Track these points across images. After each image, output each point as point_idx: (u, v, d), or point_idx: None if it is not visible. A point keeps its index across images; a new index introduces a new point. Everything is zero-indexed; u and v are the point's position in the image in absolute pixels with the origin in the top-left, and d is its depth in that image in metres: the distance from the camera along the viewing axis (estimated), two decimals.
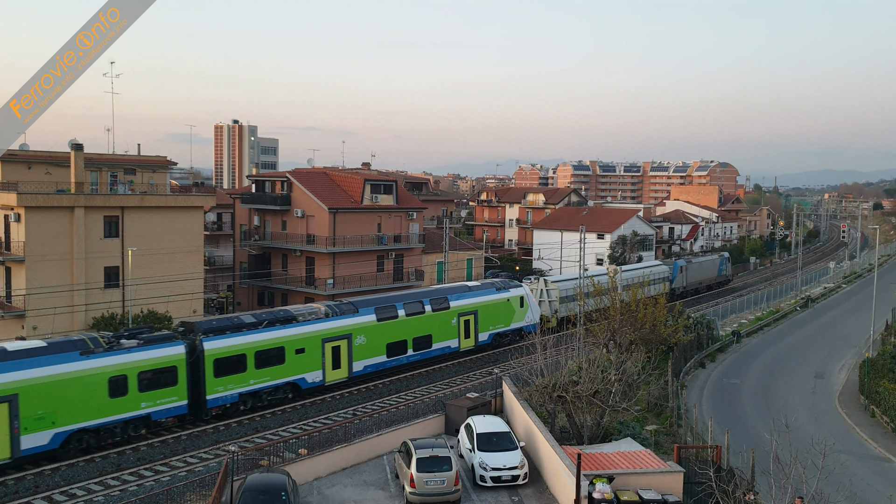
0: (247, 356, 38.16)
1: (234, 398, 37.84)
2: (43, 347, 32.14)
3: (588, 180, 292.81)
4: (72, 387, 31.87)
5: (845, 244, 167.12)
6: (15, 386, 30.14)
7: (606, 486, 23.45)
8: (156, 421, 35.06)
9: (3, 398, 29.78)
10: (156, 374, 34.68)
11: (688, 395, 42.11)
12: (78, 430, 32.12)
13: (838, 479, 22.71)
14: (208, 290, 65.46)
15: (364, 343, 43.85)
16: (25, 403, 30.36)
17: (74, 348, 32.79)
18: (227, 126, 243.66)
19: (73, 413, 31.83)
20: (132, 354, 34.05)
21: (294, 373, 40.25)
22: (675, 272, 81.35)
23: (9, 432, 29.91)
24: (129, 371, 33.66)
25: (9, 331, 49.78)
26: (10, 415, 29.92)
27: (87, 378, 32.40)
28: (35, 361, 31.18)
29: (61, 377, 31.57)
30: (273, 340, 39.30)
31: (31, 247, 49.41)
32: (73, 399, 31.87)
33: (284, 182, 68.89)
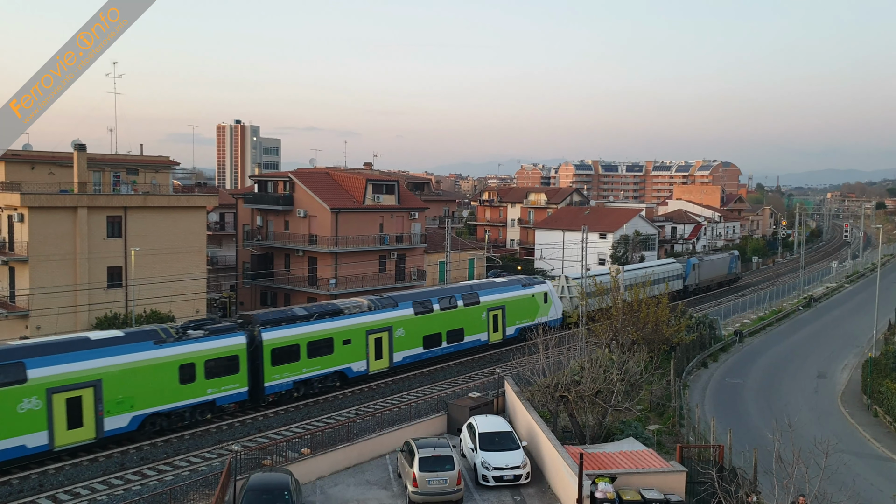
0: (300, 346, 40.69)
1: (289, 385, 40.30)
2: (121, 337, 34.63)
3: (590, 180, 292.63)
4: (147, 373, 34.31)
5: (848, 244, 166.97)
6: (99, 372, 32.64)
7: (609, 486, 23.47)
8: (220, 406, 37.50)
9: (89, 383, 32.29)
10: (220, 363, 37.11)
11: (690, 395, 42.12)
12: (152, 413, 34.61)
13: (841, 478, 22.72)
14: (211, 290, 65.52)
15: (403, 335, 46.29)
16: (108, 388, 32.91)
17: (149, 338, 35.27)
18: (229, 126, 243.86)
19: (148, 398, 34.31)
20: (199, 344, 36.48)
21: (341, 362, 42.83)
22: (688, 270, 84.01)
23: (94, 415, 32.51)
24: (196, 359, 36.10)
25: (12, 331, 49.87)
26: (95, 398, 32.51)
27: (161, 365, 34.85)
28: (115, 350, 33.65)
29: (138, 364, 34.03)
30: (323, 332, 41.91)
31: (35, 247, 49.51)
32: (148, 385, 34.30)
33: (287, 182, 68.96)
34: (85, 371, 32.25)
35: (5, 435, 29.95)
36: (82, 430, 32.27)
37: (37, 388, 30.86)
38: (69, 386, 31.74)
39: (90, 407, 32.38)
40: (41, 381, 31.02)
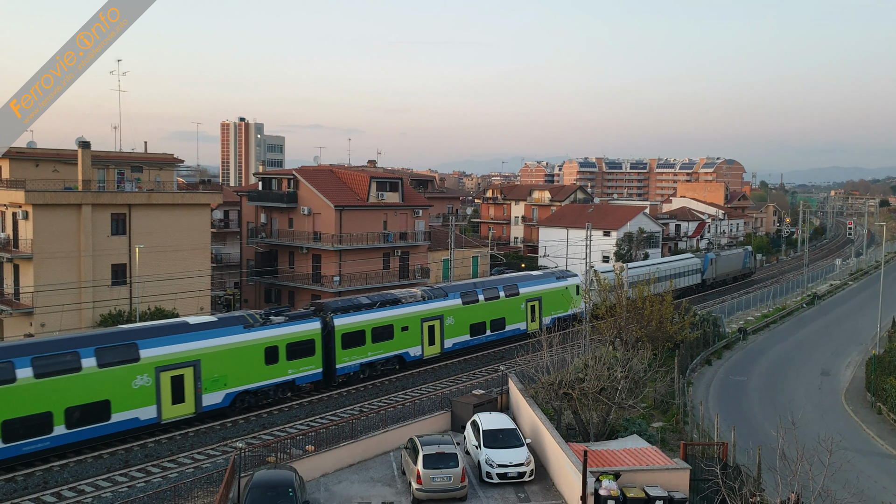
0: (365, 332, 44.28)
1: (356, 367, 43.92)
2: (215, 321, 38.21)
3: (594, 177, 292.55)
4: (238, 354, 37.64)
5: (851, 241, 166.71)
6: (198, 352, 36.00)
7: (613, 483, 23.48)
8: (298, 385, 41.06)
9: (189, 362, 35.61)
10: (299, 346, 40.53)
11: (694, 393, 42.13)
12: (242, 391, 37.94)
13: (845, 476, 22.71)
14: (215, 287, 65.63)
15: (452, 323, 49.68)
16: (205, 367, 36.24)
17: (239, 322, 38.61)
18: (233, 124, 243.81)
19: (239, 376, 37.65)
20: (281, 328, 39.89)
21: (400, 347, 46.36)
22: (706, 265, 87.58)
23: (194, 391, 35.86)
24: (279, 342, 39.49)
25: (17, 328, 50.02)
26: (195, 376, 35.87)
27: (249, 347, 38.22)
28: (211, 333, 37.01)
29: (230, 346, 37.37)
30: (384, 319, 45.49)
31: (39, 244, 49.62)
32: (239, 365, 37.66)
33: (291, 180, 69.02)
34: (186, 352, 35.62)
35: (122, 408, 33.31)
36: (184, 406, 35.65)
37: (148, 366, 34.26)
38: (174, 365, 35.08)
39: (191, 384, 35.81)
40: (151, 360, 34.39)
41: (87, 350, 32.66)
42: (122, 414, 33.27)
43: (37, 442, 30.87)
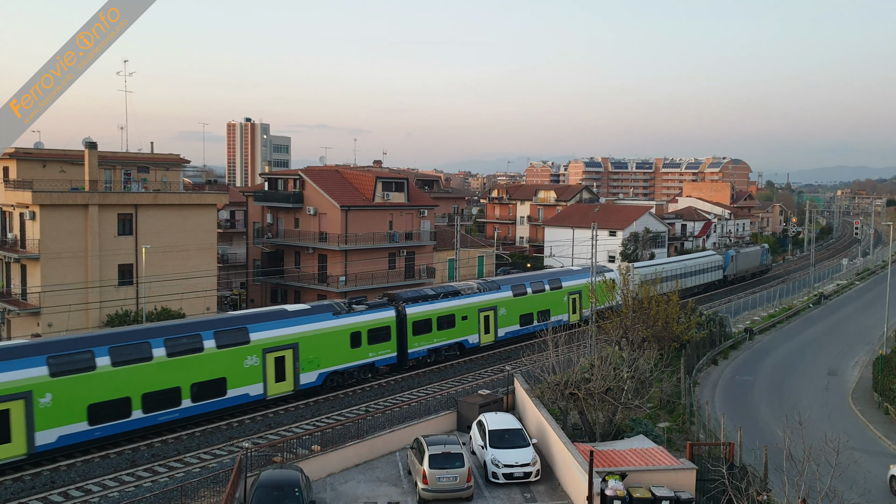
0: (432, 320, 48.36)
1: (424, 353, 47.97)
2: (309, 309, 42.48)
3: (600, 177, 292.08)
4: (329, 338, 41.84)
5: (858, 241, 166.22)
6: (296, 336, 40.10)
7: (619, 483, 23.48)
8: (377, 367, 45.10)
9: (289, 345, 39.68)
10: (377, 331, 44.79)
11: (700, 393, 42.07)
12: (332, 371, 42.07)
13: (852, 476, 22.69)
14: (221, 287, 65.67)
15: (504, 314, 53.18)
16: (303, 349, 40.32)
17: (329, 310, 42.79)
18: (239, 124, 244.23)
19: (329, 358, 41.83)
20: (363, 316, 44.06)
21: (460, 335, 50.28)
22: (727, 261, 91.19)
23: (293, 371, 39.92)
24: (362, 328, 43.79)
25: (24, 328, 50.17)
26: (294, 357, 39.91)
27: (338, 332, 42.41)
28: (306, 319, 41.16)
29: (323, 331, 41.50)
30: (448, 309, 49.58)
31: (46, 244, 49.75)
32: (330, 347, 41.84)
33: (297, 180, 69.10)
34: (287, 335, 39.74)
35: (236, 385, 37.45)
36: (285, 384, 39.71)
37: (256, 348, 38.31)
38: (277, 347, 39.20)
39: (291, 365, 39.89)
40: (259, 342, 38.48)
41: (207, 333, 36.91)
42: (235, 390, 37.51)
43: (169, 413, 35.01)
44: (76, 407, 31.96)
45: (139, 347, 34.36)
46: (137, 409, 33.81)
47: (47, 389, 31.06)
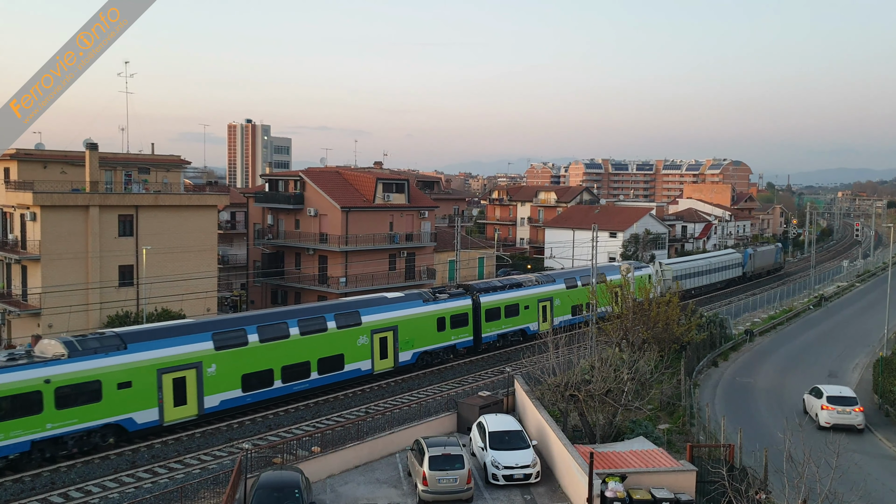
0: (500, 309, 53.49)
1: (494, 338, 52.72)
2: (403, 297, 48.05)
3: (600, 179, 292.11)
4: (420, 322, 47.35)
5: (859, 243, 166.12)
6: (396, 320, 45.74)
7: (619, 485, 23.48)
8: (457, 349, 50.54)
9: (391, 327, 45.30)
10: (457, 317, 50.13)
11: (700, 394, 42.01)
12: (423, 351, 47.66)
13: (852, 478, 22.67)
14: (222, 289, 65.71)
15: (559, 304, 57.74)
16: (401, 331, 45.88)
17: (419, 297, 48.47)
18: (240, 125, 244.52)
19: (421, 339, 47.37)
20: (446, 303, 49.45)
21: (523, 322, 55.37)
22: (745, 259, 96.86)
23: (393, 349, 45.47)
24: (445, 314, 49.25)
25: (25, 328, 50.20)
26: (394, 338, 45.46)
27: (427, 317, 47.93)
28: (403, 305, 46.83)
29: (416, 315, 47.09)
30: (513, 299, 54.82)
31: (47, 245, 49.79)
32: (421, 330, 47.30)
33: (297, 181, 69.14)
34: (389, 319, 45.28)
35: (351, 360, 42.85)
36: (387, 361, 45.20)
37: (366, 329, 43.81)
38: (381, 329, 44.63)
39: (391, 344, 45.32)
40: (368, 324, 43.99)
41: (330, 315, 42.29)
42: (350, 365, 42.87)
43: (300, 384, 40.44)
44: (233, 376, 37.38)
45: (279, 327, 39.81)
46: (278, 379, 39.29)
47: (213, 361, 36.48)
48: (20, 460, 30.54)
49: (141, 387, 33.69)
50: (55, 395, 30.98)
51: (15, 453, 30.22)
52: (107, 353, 33.04)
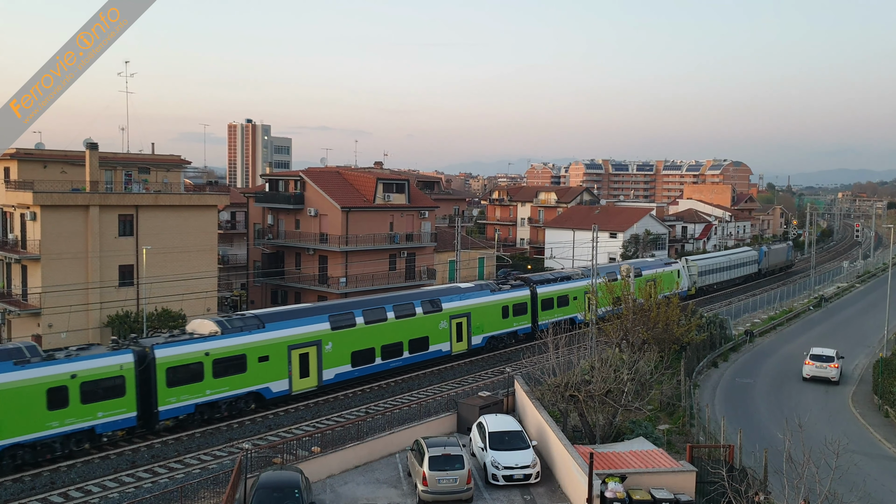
0: (553, 299, 58.41)
1: (547, 325, 52.32)
2: (474, 287, 53.98)
3: (600, 179, 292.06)
4: (489, 309, 52.55)
5: (859, 243, 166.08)
6: (469, 307, 51.05)
7: (619, 486, 23.48)
8: (518, 335, 55.38)
9: (465, 313, 50.60)
10: (518, 306, 55.27)
11: (700, 395, 42.01)
12: (490, 336, 52.46)
13: (852, 479, 22.67)
14: (222, 289, 65.71)
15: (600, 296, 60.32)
16: (473, 317, 51.08)
17: (487, 288, 53.93)
18: (240, 125, 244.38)
19: (489, 325, 52.43)
20: (509, 293, 54.76)
21: (572, 312, 59.43)
22: (761, 256, 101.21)
23: (467, 334, 50.65)
24: (509, 303, 54.41)
25: (25, 328, 50.19)
26: (468, 323, 50.65)
27: (494, 305, 53.19)
28: (474, 294, 52.20)
29: (484, 303, 52.40)
30: (563, 290, 59.48)
31: (47, 245, 49.78)
32: (489, 317, 52.47)
33: (298, 181, 69.13)
34: (463, 306, 50.53)
35: (434, 342, 48.41)
36: (462, 343, 50.57)
37: (445, 314, 49.29)
38: (458, 314, 50.08)
39: (465, 329, 50.45)
40: (447, 310, 49.48)
41: (417, 302, 48.08)
42: (434, 346, 48.30)
43: (395, 361, 45.95)
44: (345, 353, 42.79)
45: (379, 311, 45.30)
46: (378, 356, 44.71)
47: (329, 339, 41.93)
48: (186, 420, 36.11)
49: (276, 360, 39.35)
50: (213, 365, 36.55)
51: (184, 414, 35.86)
52: (250, 332, 38.67)
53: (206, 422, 36.75)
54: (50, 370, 31.42)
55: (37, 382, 30.87)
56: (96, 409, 32.48)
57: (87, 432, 32.47)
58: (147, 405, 34.50)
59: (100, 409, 32.60)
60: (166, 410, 34.95)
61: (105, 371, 32.89)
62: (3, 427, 29.84)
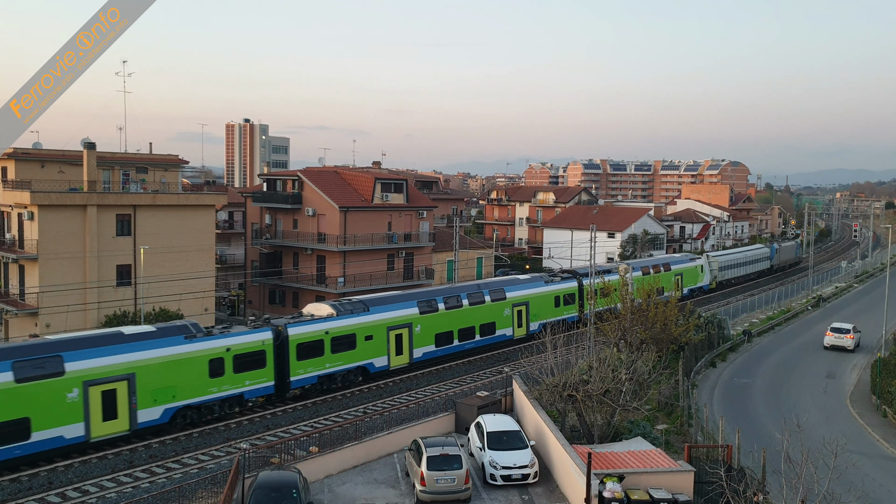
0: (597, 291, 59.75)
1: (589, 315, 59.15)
2: (530, 279, 59.17)
3: (598, 179, 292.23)
4: (543, 299, 57.39)
5: (857, 243, 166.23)
6: (527, 297, 56.00)
7: (617, 486, 23.46)
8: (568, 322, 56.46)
9: (524, 302, 55.48)
10: (567, 296, 59.76)
11: (698, 395, 42.01)
12: (544, 323, 54.64)
13: (850, 479, 22.66)
14: (220, 288, 65.70)
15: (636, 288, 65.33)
16: (531, 306, 56.05)
17: (541, 280, 59.38)
18: (238, 125, 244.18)
19: (543, 313, 56.81)
20: (559, 285, 59.54)
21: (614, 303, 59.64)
22: (773, 253, 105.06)
23: (526, 320, 55.58)
24: (560, 294, 59.07)
25: (22, 328, 50.14)
26: (526, 311, 55.71)
27: (547, 295, 57.90)
28: (531, 285, 57.35)
29: (540, 293, 57.34)
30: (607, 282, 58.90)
31: (45, 245, 49.72)
32: (543, 306, 57.13)
33: (296, 181, 69.07)
34: (522, 295, 55.59)
35: (500, 327, 53.53)
36: (522, 329, 55.24)
37: (509, 303, 54.38)
38: (518, 303, 55.11)
39: (525, 315, 55.57)
40: (510, 299, 54.48)
41: (486, 290, 53.19)
42: (500, 331, 53.31)
43: (469, 343, 50.96)
44: (430, 335, 48.12)
45: (456, 298, 50.61)
46: (456, 339, 49.92)
47: (418, 322, 47.32)
48: (310, 390, 41.23)
49: (378, 339, 44.76)
50: (331, 342, 41.95)
51: (309, 384, 41.10)
52: (357, 314, 44.07)
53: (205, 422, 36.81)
54: (211, 344, 36.66)
55: (202, 354, 36.15)
56: (244, 377, 37.75)
57: (237, 398, 37.68)
58: (282, 375, 39.77)
59: (247, 378, 37.88)
60: (296, 380, 40.39)
61: (252, 345, 38.17)
62: (179, 390, 35.17)
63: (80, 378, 31.78)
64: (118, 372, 32.99)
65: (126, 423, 33.34)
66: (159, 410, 34.47)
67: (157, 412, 34.41)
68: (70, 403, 31.46)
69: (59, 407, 31.16)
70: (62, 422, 31.22)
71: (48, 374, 31.00)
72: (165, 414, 34.72)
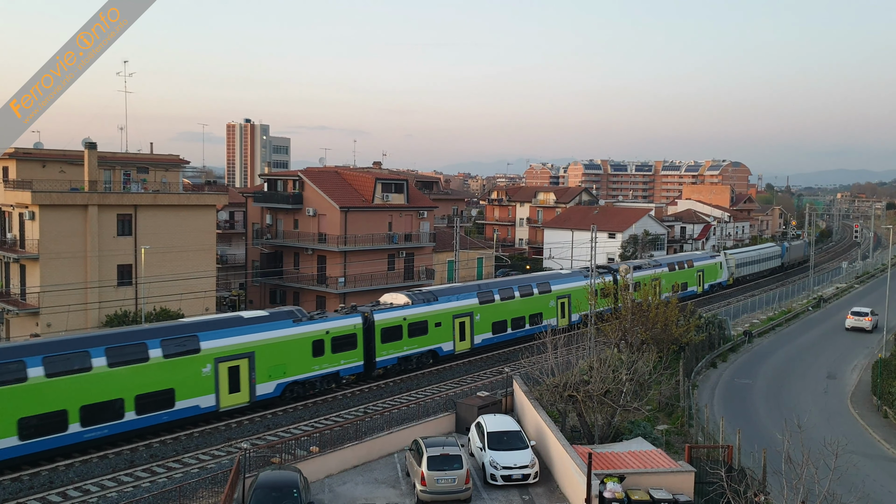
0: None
1: None
2: (570, 273, 62.23)
3: (599, 179, 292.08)
4: (582, 292, 57.58)
5: (858, 244, 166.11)
6: (569, 289, 59.04)
7: (617, 486, 23.46)
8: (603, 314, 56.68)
9: (566, 295, 58.50)
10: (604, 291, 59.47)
11: (699, 395, 41.99)
12: (583, 315, 55.59)
13: (851, 479, 22.65)
14: (220, 288, 65.69)
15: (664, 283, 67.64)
16: (573, 298, 58.74)
17: (581, 274, 61.30)
18: (239, 125, 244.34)
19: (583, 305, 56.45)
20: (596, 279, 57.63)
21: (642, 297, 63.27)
22: (783, 251, 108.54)
23: (569, 311, 58.68)
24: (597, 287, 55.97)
25: (23, 328, 50.16)
26: (568, 303, 58.65)
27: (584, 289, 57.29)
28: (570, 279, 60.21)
29: (579, 287, 59.28)
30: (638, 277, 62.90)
31: (46, 245, 49.75)
32: (581, 298, 57.59)
33: (296, 181, 69.08)
34: (566, 288, 58.84)
35: (546, 317, 56.31)
36: (564, 320, 58.00)
37: (554, 295, 57.81)
38: (562, 295, 58.40)
39: (567, 307, 58.70)
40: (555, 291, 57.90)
41: (534, 283, 57.04)
42: (546, 321, 55.35)
43: (520, 332, 53.78)
44: (487, 323, 51.80)
45: (510, 290, 54.22)
46: (509, 327, 53.49)
47: (478, 311, 51.17)
48: (392, 370, 45.65)
49: (445, 326, 48.75)
50: (408, 328, 46.13)
51: (391, 365, 45.46)
52: (429, 303, 48.17)
53: (205, 421, 36.76)
54: (314, 327, 40.89)
55: (307, 336, 40.43)
56: (340, 357, 42.04)
57: (334, 375, 42.00)
58: (369, 356, 43.96)
59: (342, 358, 42.19)
60: (381, 361, 44.73)
61: (346, 329, 42.49)
62: (288, 367, 39.43)
63: (213, 355, 36.09)
64: (241, 350, 37.31)
65: (247, 395, 37.59)
66: (273, 385, 38.76)
67: (272, 387, 38.73)
68: (204, 377, 35.83)
69: (195, 380, 35.52)
70: (198, 393, 35.61)
71: (188, 351, 35.43)
72: (278, 388, 38.97)
